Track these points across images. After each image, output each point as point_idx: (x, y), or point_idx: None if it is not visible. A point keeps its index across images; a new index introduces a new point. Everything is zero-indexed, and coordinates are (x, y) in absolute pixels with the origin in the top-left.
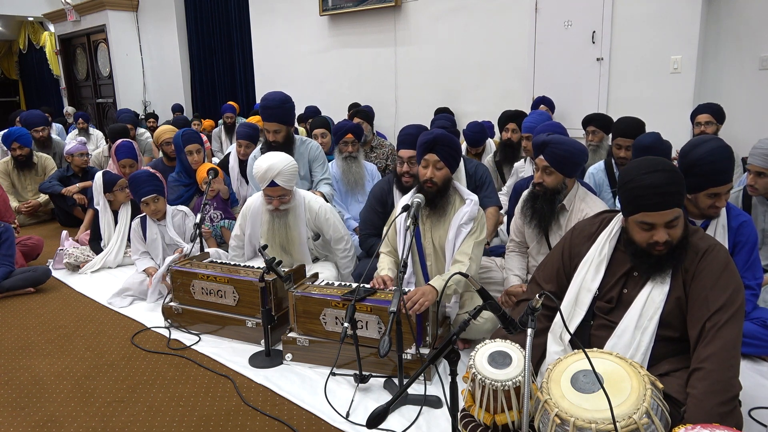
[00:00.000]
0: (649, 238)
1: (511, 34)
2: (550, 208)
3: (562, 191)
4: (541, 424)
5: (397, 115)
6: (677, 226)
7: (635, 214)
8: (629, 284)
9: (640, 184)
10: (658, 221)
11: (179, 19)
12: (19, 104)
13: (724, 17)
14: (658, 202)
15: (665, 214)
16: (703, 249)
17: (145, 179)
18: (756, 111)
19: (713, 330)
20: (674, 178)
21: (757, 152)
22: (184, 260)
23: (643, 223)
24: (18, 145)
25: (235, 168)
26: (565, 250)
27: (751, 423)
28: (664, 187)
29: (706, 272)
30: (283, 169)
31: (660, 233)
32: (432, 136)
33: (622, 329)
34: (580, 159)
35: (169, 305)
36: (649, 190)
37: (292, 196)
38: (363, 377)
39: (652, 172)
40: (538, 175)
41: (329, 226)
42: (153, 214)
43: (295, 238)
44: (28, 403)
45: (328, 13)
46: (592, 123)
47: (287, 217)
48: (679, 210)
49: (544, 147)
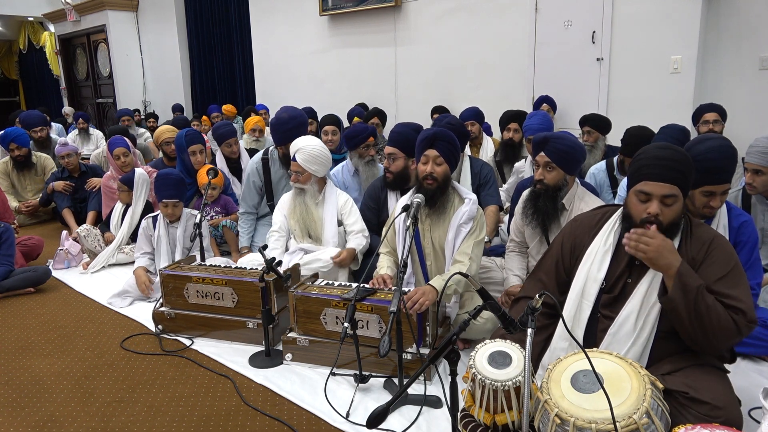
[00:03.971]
0: (644, 210)
1: (511, 34)
2: (553, 206)
3: (563, 188)
4: (541, 424)
5: (397, 115)
6: (671, 207)
7: (637, 184)
8: (633, 274)
9: (647, 155)
10: (656, 191)
11: (179, 19)
12: (19, 104)
13: (724, 17)
14: (658, 173)
15: (663, 186)
16: (708, 239)
17: (172, 183)
18: (756, 111)
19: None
20: (682, 158)
21: (753, 150)
22: (173, 265)
23: (641, 192)
24: (16, 146)
25: (224, 169)
26: (565, 243)
27: (752, 423)
28: (668, 160)
29: (714, 263)
30: (303, 147)
31: (654, 205)
32: (432, 132)
33: (624, 318)
34: (580, 155)
35: (160, 311)
36: (653, 161)
37: (313, 182)
38: (363, 377)
39: (662, 148)
40: (539, 172)
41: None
42: (167, 216)
43: (317, 219)
44: (28, 403)
45: (328, 13)
46: (588, 123)
47: (304, 196)
48: (678, 190)
49: (545, 143)
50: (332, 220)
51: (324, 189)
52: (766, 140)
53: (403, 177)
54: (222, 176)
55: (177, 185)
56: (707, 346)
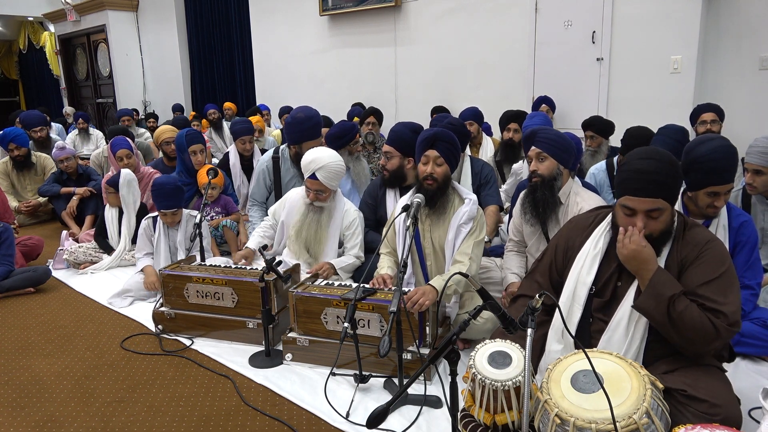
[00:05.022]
0: (629, 224)
1: (511, 34)
2: (551, 195)
3: (558, 178)
4: (541, 424)
5: (397, 115)
6: (658, 219)
7: (621, 197)
8: (623, 277)
9: (629, 168)
10: (638, 207)
11: (179, 19)
12: (19, 104)
13: (724, 17)
14: (639, 188)
15: (645, 201)
16: (703, 241)
17: (169, 192)
18: (756, 111)
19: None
20: (665, 168)
21: (753, 150)
22: (173, 265)
23: (624, 207)
24: (15, 146)
25: (236, 165)
26: (559, 245)
27: (751, 423)
28: (649, 174)
29: (704, 265)
30: (326, 165)
31: (638, 220)
32: (432, 133)
33: (617, 322)
34: (570, 145)
35: (160, 311)
36: (635, 174)
37: (332, 198)
38: (363, 377)
39: (644, 159)
40: (533, 165)
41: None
42: (168, 223)
43: (322, 239)
44: (28, 403)
45: (328, 13)
46: (591, 128)
47: (321, 215)
48: (663, 203)
49: (534, 136)
50: (334, 239)
51: (332, 204)
52: (765, 140)
53: (398, 175)
54: (222, 176)
55: (174, 194)
56: (686, 349)
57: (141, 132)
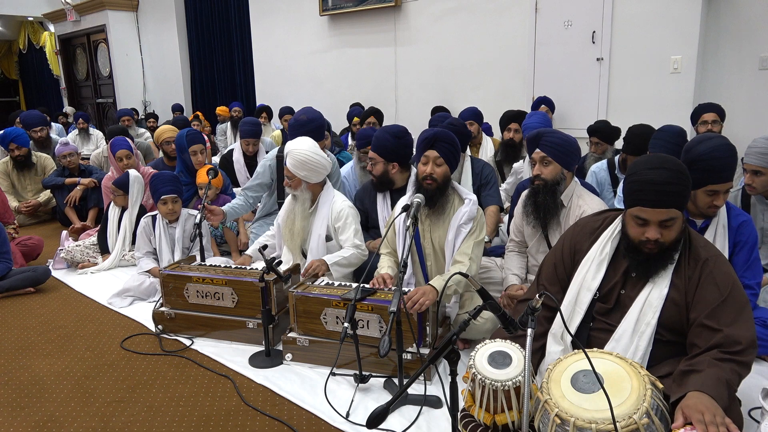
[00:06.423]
0: (641, 234)
1: (511, 34)
2: (552, 200)
3: (561, 183)
4: (541, 424)
5: (397, 115)
6: (671, 228)
7: (632, 208)
8: (627, 285)
9: (641, 178)
10: (652, 218)
11: (179, 19)
12: (19, 104)
13: (724, 17)
14: (654, 199)
15: (660, 212)
16: (704, 258)
17: (167, 179)
18: (756, 111)
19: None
20: (677, 178)
21: (752, 151)
22: (173, 265)
23: (637, 218)
24: (15, 146)
25: (240, 161)
26: (565, 246)
27: (752, 423)
28: (663, 185)
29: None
30: (291, 151)
31: (652, 231)
32: (432, 133)
33: (621, 333)
34: (575, 149)
35: (160, 311)
36: (648, 186)
37: (302, 188)
38: (363, 377)
39: (656, 169)
40: (536, 168)
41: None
42: (167, 215)
43: (304, 230)
44: (28, 403)
45: (328, 13)
46: (597, 134)
47: (296, 205)
48: (676, 212)
49: (539, 138)
50: (319, 232)
51: (319, 197)
52: (764, 141)
53: (385, 180)
54: (221, 177)
55: (173, 181)
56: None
57: (141, 132)
